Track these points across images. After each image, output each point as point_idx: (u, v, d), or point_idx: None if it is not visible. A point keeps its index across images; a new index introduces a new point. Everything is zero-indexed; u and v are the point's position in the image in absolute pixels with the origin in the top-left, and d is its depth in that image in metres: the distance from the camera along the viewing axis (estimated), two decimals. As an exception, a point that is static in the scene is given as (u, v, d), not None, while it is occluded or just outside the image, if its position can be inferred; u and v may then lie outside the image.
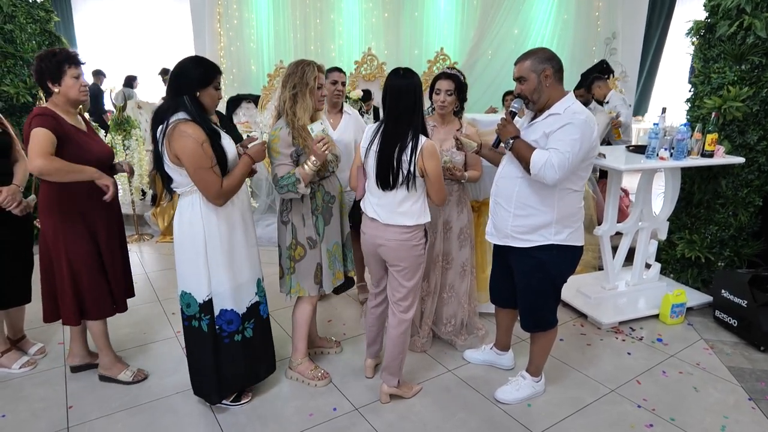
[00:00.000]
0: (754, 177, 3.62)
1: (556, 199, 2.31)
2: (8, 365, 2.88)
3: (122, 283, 2.75)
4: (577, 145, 2.16)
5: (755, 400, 2.73)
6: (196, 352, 2.47)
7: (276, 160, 2.48)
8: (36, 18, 4.61)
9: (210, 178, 2.17)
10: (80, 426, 2.47)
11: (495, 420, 2.56)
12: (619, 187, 3.65)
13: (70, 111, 2.51)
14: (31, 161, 2.27)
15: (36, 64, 2.41)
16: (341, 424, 2.51)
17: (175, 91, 2.21)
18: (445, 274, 3.18)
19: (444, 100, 2.88)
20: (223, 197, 2.24)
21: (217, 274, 2.35)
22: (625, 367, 3.03)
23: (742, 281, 3.32)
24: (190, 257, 2.32)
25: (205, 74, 2.23)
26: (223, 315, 2.41)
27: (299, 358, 2.84)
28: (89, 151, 2.48)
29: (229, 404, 2.60)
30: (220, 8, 8.07)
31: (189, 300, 2.37)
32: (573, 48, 7.70)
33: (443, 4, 8.21)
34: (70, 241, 2.49)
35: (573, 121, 2.18)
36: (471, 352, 3.10)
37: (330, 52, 8.37)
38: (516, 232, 2.42)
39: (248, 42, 8.38)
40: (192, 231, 2.29)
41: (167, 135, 2.15)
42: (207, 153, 2.16)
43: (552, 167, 2.16)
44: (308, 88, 2.46)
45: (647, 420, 2.56)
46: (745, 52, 3.45)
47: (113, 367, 2.81)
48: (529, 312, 2.59)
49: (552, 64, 2.25)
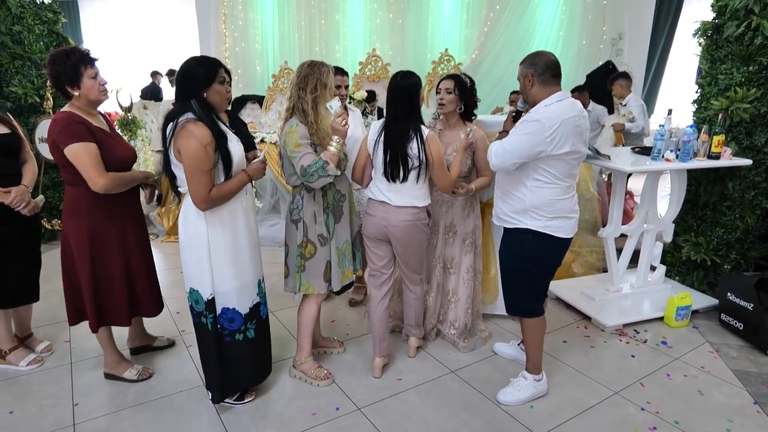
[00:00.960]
0: (762, 179, 3.60)
1: (527, 190, 2.46)
2: (16, 363, 2.91)
3: (148, 289, 2.74)
4: (518, 139, 2.36)
5: (760, 404, 2.71)
6: (204, 348, 2.50)
7: (297, 153, 2.45)
8: (44, 19, 4.64)
9: (202, 181, 2.16)
10: (86, 423, 2.49)
11: (497, 421, 2.56)
12: (624, 188, 3.64)
13: (92, 112, 2.51)
14: (92, 181, 2.33)
15: (51, 68, 2.37)
16: (344, 424, 2.51)
17: (182, 94, 2.23)
18: (449, 278, 3.18)
19: (443, 97, 2.89)
20: (208, 203, 2.21)
21: (220, 273, 2.36)
22: (629, 370, 3.02)
23: (748, 284, 3.30)
24: (195, 256, 2.34)
25: (207, 72, 2.23)
26: (225, 313, 2.42)
27: (303, 356, 2.84)
28: (115, 153, 2.49)
29: (232, 403, 2.61)
30: (225, 9, 8.09)
31: (197, 297, 2.39)
32: (579, 48, 7.67)
33: (448, 4, 8.18)
34: (95, 246, 2.49)
35: (526, 119, 2.38)
36: (500, 345, 3.20)
37: (335, 52, 8.37)
38: (502, 214, 2.61)
39: (253, 43, 8.39)
40: (196, 231, 2.30)
41: (175, 133, 2.17)
42: (208, 156, 2.16)
43: (491, 153, 2.48)
44: (327, 89, 2.51)
45: (651, 423, 2.55)
46: (753, 53, 3.43)
47: (118, 366, 2.82)
48: (507, 293, 2.71)
49: (534, 69, 2.39)
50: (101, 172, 2.34)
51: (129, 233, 2.60)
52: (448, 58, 7.83)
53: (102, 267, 2.53)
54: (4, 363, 2.91)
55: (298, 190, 2.63)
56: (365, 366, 2.99)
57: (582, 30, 7.66)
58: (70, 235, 2.50)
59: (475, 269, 3.20)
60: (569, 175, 2.44)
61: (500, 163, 2.43)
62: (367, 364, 3.01)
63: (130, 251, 2.61)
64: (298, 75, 2.52)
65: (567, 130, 2.29)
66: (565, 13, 7.75)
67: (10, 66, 4.41)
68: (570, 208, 2.48)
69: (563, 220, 2.47)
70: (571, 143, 2.32)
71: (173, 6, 10.54)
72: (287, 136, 2.48)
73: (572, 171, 2.44)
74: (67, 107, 2.46)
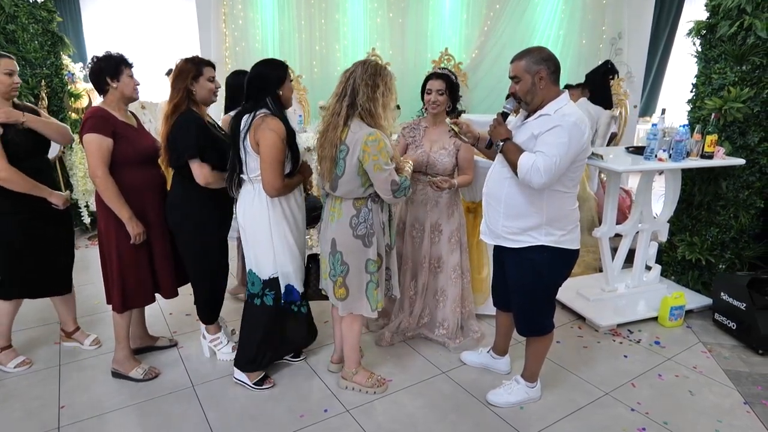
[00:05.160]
0: (755, 179, 3.58)
1: (545, 201, 2.27)
2: (4, 363, 2.91)
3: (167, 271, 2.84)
4: (564, 149, 2.11)
5: (751, 404, 2.69)
6: (250, 325, 2.72)
7: (389, 167, 2.33)
8: (38, 18, 4.63)
9: (278, 171, 2.38)
10: (71, 426, 2.48)
11: (487, 422, 2.55)
12: (618, 188, 3.62)
13: (122, 108, 2.68)
14: (91, 170, 2.52)
15: (95, 65, 2.57)
16: (332, 426, 2.51)
17: (256, 93, 2.43)
18: (436, 277, 3.18)
19: (436, 99, 2.88)
20: (280, 191, 2.43)
21: (280, 256, 2.58)
22: (621, 370, 3.00)
23: (741, 284, 3.29)
24: (256, 241, 2.57)
25: (279, 72, 2.45)
26: (288, 290, 2.66)
27: (354, 367, 2.79)
28: (139, 147, 2.64)
29: (251, 386, 2.76)
30: (225, 8, 8.08)
31: (253, 279, 2.64)
32: (579, 48, 7.63)
33: (448, 4, 8.17)
34: (121, 234, 2.62)
35: (562, 123, 2.13)
36: (468, 353, 3.07)
37: (335, 52, 8.35)
38: (506, 233, 2.39)
39: (253, 42, 8.37)
40: (261, 217, 2.51)
41: (253, 125, 2.37)
42: (284, 148, 2.39)
43: (538, 171, 2.12)
44: (393, 95, 2.41)
45: (640, 423, 2.54)
46: (746, 53, 3.41)
47: (126, 362, 2.85)
48: (522, 315, 2.56)
49: (548, 66, 2.20)
50: (103, 168, 2.50)
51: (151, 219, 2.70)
52: (448, 57, 7.81)
53: (126, 250, 2.66)
54: None
55: (363, 203, 2.46)
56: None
57: (582, 30, 7.61)
58: (100, 221, 2.67)
59: (462, 267, 3.19)
60: (579, 181, 2.35)
61: (550, 179, 2.13)
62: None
63: (152, 235, 2.72)
64: (365, 71, 2.31)
65: (590, 131, 2.20)
66: (565, 13, 7.71)
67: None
68: (578, 217, 2.39)
69: (576, 231, 2.37)
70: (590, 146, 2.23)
71: (174, 4, 10.55)
72: (372, 145, 2.28)
73: (580, 176, 2.34)
74: (98, 104, 2.66)
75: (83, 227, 5.20)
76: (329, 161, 2.38)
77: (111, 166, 2.54)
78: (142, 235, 2.63)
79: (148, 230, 2.68)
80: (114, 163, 2.55)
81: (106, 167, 2.52)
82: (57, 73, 4.84)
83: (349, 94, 2.33)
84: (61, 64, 4.89)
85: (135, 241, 2.61)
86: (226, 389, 2.78)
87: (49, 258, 2.85)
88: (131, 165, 2.60)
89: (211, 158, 2.57)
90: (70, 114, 4.92)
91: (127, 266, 2.68)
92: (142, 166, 2.65)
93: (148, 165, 2.68)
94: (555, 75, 2.23)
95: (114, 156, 2.54)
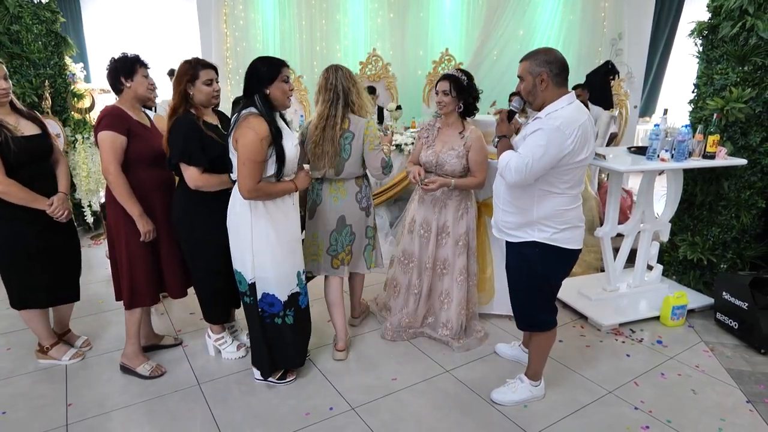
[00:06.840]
0: (757, 179, 3.59)
1: (534, 200, 2.34)
2: (58, 357, 2.97)
3: (173, 270, 2.85)
4: (540, 151, 2.16)
5: (753, 403, 2.71)
6: (252, 326, 2.71)
7: (378, 147, 2.78)
8: (42, 19, 4.64)
9: (251, 172, 2.34)
10: (79, 423, 2.50)
11: (490, 421, 2.56)
12: (619, 188, 3.64)
13: (136, 107, 2.73)
14: (103, 166, 2.55)
15: (111, 64, 2.63)
16: (337, 424, 2.52)
17: (246, 90, 2.45)
18: (442, 279, 3.20)
19: (441, 100, 2.93)
20: (252, 194, 2.38)
21: (260, 260, 2.54)
22: (624, 369, 3.02)
23: (743, 283, 3.30)
24: (239, 242, 2.55)
25: (269, 70, 2.41)
26: (265, 298, 2.61)
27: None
28: (152, 145, 2.67)
29: (275, 382, 2.80)
30: (226, 9, 8.09)
31: (240, 278, 2.62)
32: (579, 49, 7.65)
33: (448, 4, 8.18)
34: (131, 231, 2.65)
35: (543, 127, 2.18)
36: (502, 346, 3.17)
37: (335, 52, 8.37)
38: (505, 227, 2.50)
39: (254, 42, 8.38)
40: (241, 219, 2.49)
41: (237, 124, 2.37)
42: (262, 149, 2.33)
43: (510, 170, 2.25)
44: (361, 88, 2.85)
45: (644, 422, 2.55)
46: (748, 53, 3.42)
47: (135, 358, 2.88)
48: (518, 309, 2.62)
49: (550, 68, 2.21)
50: (115, 165, 2.54)
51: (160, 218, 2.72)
52: (448, 57, 7.83)
53: (135, 248, 2.68)
54: (47, 358, 2.97)
55: (362, 180, 2.95)
56: (359, 366, 3.00)
57: (582, 30, 7.64)
58: (110, 219, 2.70)
59: (469, 271, 3.21)
60: (577, 183, 2.34)
61: (522, 179, 2.22)
62: (361, 363, 3.02)
63: (160, 235, 2.74)
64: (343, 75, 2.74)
65: (584, 135, 2.19)
66: (564, 13, 7.74)
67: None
68: (579, 218, 2.39)
69: (572, 231, 2.37)
70: (586, 149, 2.22)
71: (175, 5, 10.56)
72: (371, 130, 2.75)
73: (581, 179, 2.34)
74: (114, 103, 2.71)
75: (86, 227, 5.21)
76: (332, 154, 2.76)
77: (123, 164, 2.57)
78: (152, 232, 2.65)
79: (157, 229, 2.70)
80: (126, 161, 2.59)
81: (119, 164, 2.55)
82: (60, 73, 4.84)
83: (342, 96, 2.73)
84: (64, 65, 4.90)
85: (145, 238, 2.63)
86: (232, 387, 2.79)
87: (59, 266, 2.85)
88: (143, 163, 2.64)
89: (199, 161, 2.51)
90: (73, 114, 4.93)
91: (136, 264, 2.70)
92: (152, 165, 2.67)
93: (158, 164, 2.68)
94: (559, 77, 2.24)
95: (127, 154, 2.58)
